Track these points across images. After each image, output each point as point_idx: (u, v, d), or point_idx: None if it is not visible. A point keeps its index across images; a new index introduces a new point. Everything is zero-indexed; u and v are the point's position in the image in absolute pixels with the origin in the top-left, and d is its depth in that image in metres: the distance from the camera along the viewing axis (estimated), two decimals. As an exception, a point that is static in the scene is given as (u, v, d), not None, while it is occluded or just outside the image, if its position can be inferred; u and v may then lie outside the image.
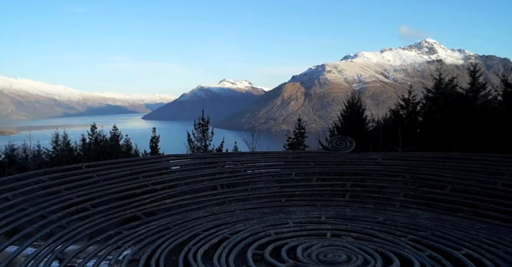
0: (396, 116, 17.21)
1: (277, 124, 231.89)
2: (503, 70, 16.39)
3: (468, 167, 3.96)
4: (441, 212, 3.59)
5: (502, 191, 3.38)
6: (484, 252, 2.55)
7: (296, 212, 3.78)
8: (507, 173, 3.49)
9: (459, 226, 3.16)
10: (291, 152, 5.15)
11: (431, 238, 2.90)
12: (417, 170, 4.26)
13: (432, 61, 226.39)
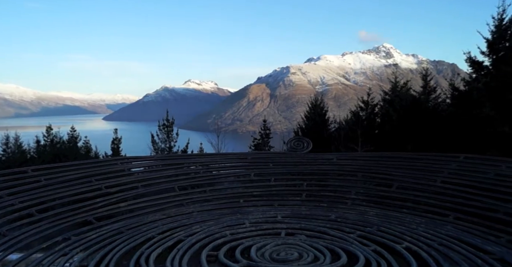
0: (356, 117, 17.97)
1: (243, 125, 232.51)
2: (451, 74, 17.68)
3: (413, 165, 4.21)
4: (388, 209, 3.79)
5: (441, 188, 3.63)
6: (422, 244, 2.73)
7: (253, 212, 3.82)
8: (445, 171, 3.76)
9: (402, 221, 3.36)
10: (250, 153, 5.19)
11: (376, 234, 3.05)
12: (368, 169, 4.47)
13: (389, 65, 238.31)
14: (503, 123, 9.50)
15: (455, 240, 2.77)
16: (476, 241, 2.71)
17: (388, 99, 17.47)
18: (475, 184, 3.44)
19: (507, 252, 2.46)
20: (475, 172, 3.55)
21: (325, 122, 19.89)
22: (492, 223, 2.95)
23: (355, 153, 5.64)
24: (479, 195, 3.30)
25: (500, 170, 3.37)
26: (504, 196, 3.08)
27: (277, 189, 4.51)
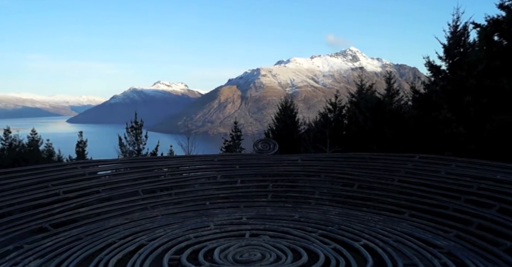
0: (325, 119, 18.47)
1: (214, 127, 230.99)
2: (413, 78, 18.64)
3: (374, 166, 4.38)
4: (349, 208, 3.91)
5: (398, 186, 3.80)
6: (378, 241, 2.85)
7: (219, 215, 3.80)
8: (402, 170, 3.94)
9: (362, 219, 3.48)
10: (217, 155, 5.17)
11: (337, 232, 3.15)
12: (331, 169, 4.59)
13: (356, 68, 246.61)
14: (459, 124, 10.12)
15: (409, 236, 2.91)
16: (427, 236, 2.87)
17: (354, 101, 18.09)
18: (429, 182, 3.64)
19: (454, 246, 2.63)
20: (428, 171, 3.75)
21: (295, 123, 20.23)
22: (442, 219, 3.13)
23: (319, 154, 5.78)
24: (432, 193, 3.49)
25: (451, 169, 3.58)
26: (454, 194, 3.28)
27: (244, 190, 4.52)
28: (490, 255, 2.43)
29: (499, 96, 9.28)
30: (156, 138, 15.98)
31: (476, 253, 2.50)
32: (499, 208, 2.82)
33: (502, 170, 3.21)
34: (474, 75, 9.95)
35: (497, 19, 9.64)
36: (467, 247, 2.59)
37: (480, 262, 2.33)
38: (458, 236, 2.80)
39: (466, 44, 12.24)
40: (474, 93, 9.80)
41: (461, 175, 3.40)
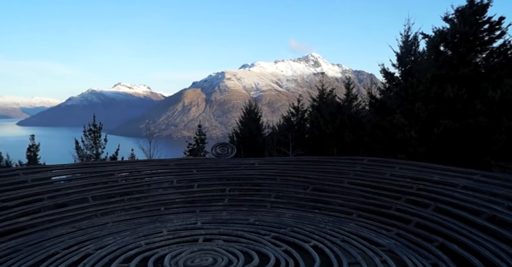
0: (288, 122, 18.84)
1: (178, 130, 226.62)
2: (370, 83, 19.60)
3: (326, 168, 4.55)
4: (302, 210, 4.03)
5: (348, 188, 3.98)
6: (327, 242, 2.97)
7: (173, 220, 3.75)
8: (352, 173, 4.13)
9: (313, 221, 3.60)
10: (173, 160, 5.10)
11: (289, 234, 3.23)
12: (287, 173, 4.70)
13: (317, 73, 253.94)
14: (411, 128, 10.77)
15: (355, 236, 3.06)
16: (371, 235, 3.03)
17: (316, 105, 18.64)
18: (375, 184, 3.85)
19: (395, 244, 2.80)
20: (375, 173, 3.97)
21: (259, 127, 20.42)
22: (386, 218, 3.32)
23: (276, 158, 5.90)
24: (377, 194, 3.70)
25: (395, 170, 3.82)
26: (396, 194, 3.50)
27: (200, 195, 4.50)
28: (424, 251, 2.62)
29: (444, 103, 10.02)
30: (116, 142, 15.42)
31: (413, 250, 2.68)
32: (435, 207, 3.05)
33: (439, 172, 3.47)
34: (423, 82, 10.67)
35: (443, 31, 10.45)
36: (405, 245, 2.78)
37: (416, 258, 2.51)
38: (399, 234, 2.99)
39: (417, 53, 13.12)
40: (423, 99, 10.51)
41: (403, 177, 3.64)
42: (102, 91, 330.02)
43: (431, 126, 10.05)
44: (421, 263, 2.42)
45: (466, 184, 3.03)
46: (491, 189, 2.85)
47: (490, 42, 9.38)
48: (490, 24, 9.17)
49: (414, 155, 10.21)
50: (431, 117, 10.20)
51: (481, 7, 9.07)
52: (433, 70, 10.43)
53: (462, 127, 9.40)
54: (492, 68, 9.11)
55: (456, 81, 9.82)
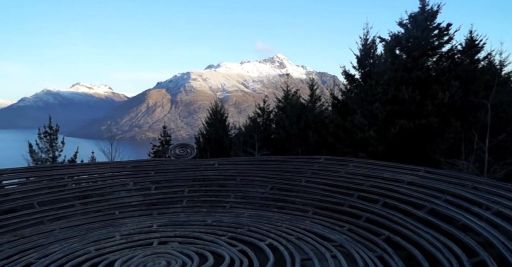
0: (254, 123, 18.95)
1: (142, 132, 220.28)
2: (333, 85, 20.26)
3: (285, 168, 4.64)
4: (261, 209, 4.08)
5: (305, 187, 4.09)
6: (282, 239, 3.03)
7: (128, 224, 3.65)
8: (309, 171, 4.25)
9: (271, 219, 3.66)
10: (130, 162, 4.95)
11: (246, 234, 3.26)
12: (247, 173, 4.73)
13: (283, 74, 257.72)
14: (370, 128, 11.25)
15: (309, 233, 3.14)
16: (325, 232, 3.14)
17: (281, 106, 18.93)
18: (330, 182, 3.99)
19: (345, 239, 2.92)
20: (331, 172, 4.10)
21: (226, 128, 20.35)
22: (339, 215, 3.45)
23: (236, 158, 5.92)
24: (332, 192, 3.83)
25: (349, 169, 3.98)
26: (349, 191, 3.64)
27: (158, 197, 4.41)
28: (372, 244, 2.75)
29: (400, 104, 10.57)
30: (75, 144, 14.73)
31: (361, 244, 2.81)
32: (383, 202, 3.22)
33: (389, 169, 3.67)
34: (381, 84, 11.19)
35: (398, 35, 11.02)
36: (355, 239, 2.90)
37: (363, 251, 2.63)
38: (350, 230, 3.12)
39: (375, 56, 13.73)
40: (381, 101, 11.02)
41: (356, 174, 3.80)
42: (59, 92, 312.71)
43: (388, 126, 10.57)
44: (368, 256, 2.54)
45: (412, 180, 3.23)
46: (432, 184, 3.05)
47: (439, 47, 10.04)
48: (439, 30, 9.82)
49: (374, 154, 10.68)
50: (388, 117, 10.72)
51: (432, 13, 9.68)
52: (389, 72, 10.98)
53: (416, 126, 9.98)
54: (442, 71, 9.75)
55: (410, 83, 10.41)
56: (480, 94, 8.98)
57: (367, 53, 13.89)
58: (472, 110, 9.09)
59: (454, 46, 10.19)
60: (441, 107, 9.40)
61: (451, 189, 2.83)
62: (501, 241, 2.05)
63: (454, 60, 10.09)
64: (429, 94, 9.75)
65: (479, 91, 9.15)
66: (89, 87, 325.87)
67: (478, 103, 8.56)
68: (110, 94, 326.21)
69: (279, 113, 19.57)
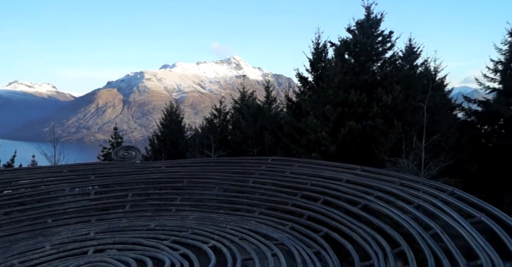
0: (210, 124, 18.80)
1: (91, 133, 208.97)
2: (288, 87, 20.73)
3: (233, 169, 4.66)
4: (208, 211, 4.06)
5: (252, 187, 4.14)
6: (225, 241, 3.04)
7: (62, 232, 3.44)
8: (257, 172, 4.31)
9: (216, 221, 3.65)
10: (66, 166, 4.67)
11: (190, 237, 3.22)
12: (194, 175, 4.69)
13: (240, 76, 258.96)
14: (322, 129, 11.69)
15: (253, 233, 3.19)
16: (268, 231, 3.21)
17: (238, 107, 19.01)
18: (276, 181, 4.09)
19: (287, 237, 3.01)
20: (277, 172, 4.21)
21: (181, 129, 19.94)
22: (283, 214, 3.55)
23: (184, 160, 5.85)
24: (278, 191, 3.93)
25: (294, 169, 4.11)
26: (293, 190, 3.76)
27: (97, 203, 4.21)
28: (311, 241, 2.87)
29: (349, 106, 11.12)
30: (13, 147, 13.61)
31: (302, 241, 2.91)
32: (323, 200, 3.37)
33: (330, 168, 3.85)
34: (332, 87, 11.70)
35: (346, 40, 11.60)
36: (296, 237, 3.00)
37: (302, 248, 2.73)
38: (292, 228, 3.22)
39: (326, 59, 14.31)
40: (332, 103, 11.51)
41: (300, 174, 3.93)
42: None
43: (339, 127, 11.08)
44: (306, 252, 2.64)
45: (349, 178, 3.42)
46: (366, 181, 3.25)
47: (383, 53, 10.77)
48: (383, 37, 10.53)
49: (326, 154, 11.14)
50: (339, 118, 11.24)
51: (376, 21, 10.36)
52: (339, 76, 11.51)
53: (363, 127, 10.56)
54: (385, 75, 10.45)
55: (358, 87, 11.00)
56: (418, 97, 9.80)
57: (319, 57, 14.45)
58: (411, 112, 9.87)
59: (395, 53, 11.02)
60: (385, 109, 10.07)
61: (381, 186, 3.04)
62: (418, 232, 2.25)
63: (396, 65, 10.90)
64: (374, 97, 10.40)
65: (417, 94, 9.98)
66: (29, 86, 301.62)
67: (416, 106, 9.33)
68: (54, 93, 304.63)
69: (236, 114, 19.66)
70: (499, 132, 13.36)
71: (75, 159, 13.39)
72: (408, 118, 9.93)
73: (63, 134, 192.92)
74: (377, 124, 10.03)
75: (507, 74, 13.16)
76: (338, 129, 10.96)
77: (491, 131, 13.57)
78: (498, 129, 13.52)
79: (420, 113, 8.85)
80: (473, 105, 13.70)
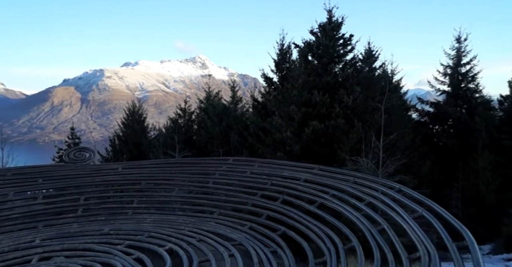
0: (175, 124, 18.43)
1: (45, 134, 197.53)
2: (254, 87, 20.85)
3: (193, 170, 4.60)
4: (166, 213, 3.98)
5: (212, 188, 4.12)
6: (183, 243, 2.99)
7: (2, 241, 3.21)
8: (217, 173, 4.29)
9: (174, 223, 3.59)
10: (11, 169, 4.37)
11: (145, 240, 3.13)
12: (153, 176, 4.57)
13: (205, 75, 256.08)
14: (287, 129, 11.88)
15: (211, 234, 3.17)
16: (227, 231, 3.20)
17: (203, 107, 18.81)
18: (236, 182, 4.09)
19: (246, 237, 3.02)
20: (238, 172, 4.22)
21: (145, 129, 19.35)
22: (243, 214, 3.57)
23: (142, 161, 5.70)
24: (238, 192, 3.94)
25: (254, 169, 4.14)
26: (253, 191, 3.79)
27: (46, 207, 3.98)
28: (269, 240, 2.90)
29: (313, 106, 11.40)
30: (-49, 150, 12.51)
31: (259, 241, 2.94)
32: (282, 200, 3.42)
33: (289, 168, 3.92)
34: (296, 87, 11.92)
35: (309, 42, 11.88)
36: (255, 237, 3.02)
37: (259, 248, 2.76)
38: (251, 228, 3.24)
39: (291, 60, 14.57)
40: (297, 103, 11.74)
41: (261, 174, 3.97)
42: None
43: (303, 127, 11.31)
44: (263, 251, 2.67)
45: (307, 177, 3.50)
46: (323, 180, 3.35)
47: (344, 55, 11.18)
48: (344, 40, 10.93)
49: (291, 153, 11.34)
50: (303, 119, 11.48)
51: (337, 24, 10.72)
52: (303, 77, 11.76)
53: (326, 127, 10.87)
54: (346, 77, 10.84)
55: (321, 88, 11.30)
56: (376, 98, 10.29)
57: (284, 58, 14.67)
58: (370, 113, 10.34)
59: (356, 55, 11.49)
60: (347, 110, 10.44)
61: (336, 185, 3.15)
62: (368, 228, 2.35)
63: (356, 67, 11.36)
64: (336, 98, 10.74)
65: (375, 96, 10.47)
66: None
67: (375, 106, 9.79)
68: (3, 90, 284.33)
69: (201, 114, 19.43)
70: (448, 132, 14.55)
71: (25, 161, 12.58)
72: (367, 118, 10.35)
73: (13, 135, 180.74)
74: (339, 124, 10.36)
75: (455, 77, 14.38)
76: (302, 129, 11.20)
77: (442, 131, 14.76)
78: (447, 129, 14.73)
79: (378, 114, 9.27)
80: (426, 106, 14.80)
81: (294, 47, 12.69)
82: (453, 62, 14.43)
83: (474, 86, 14.24)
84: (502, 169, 12.27)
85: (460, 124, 13.68)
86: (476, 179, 11.62)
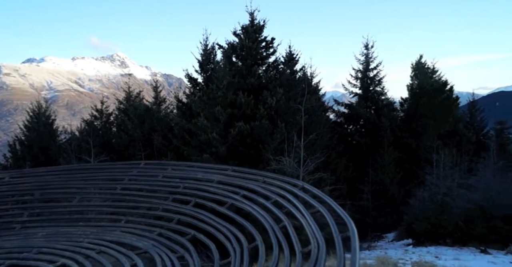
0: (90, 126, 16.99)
1: None
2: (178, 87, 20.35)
3: (99, 176, 4.31)
4: (64, 225, 3.66)
5: (120, 194, 3.90)
6: (79, 256, 2.77)
7: None
8: (126, 178, 4.08)
9: (72, 236, 3.31)
10: None
11: (33, 257, 2.83)
12: (49, 185, 4.16)
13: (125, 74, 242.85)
14: (213, 130, 11.83)
15: (115, 244, 2.99)
16: (132, 240, 3.05)
17: (123, 108, 17.72)
18: (147, 187, 3.94)
19: (152, 245, 2.92)
20: (149, 176, 4.07)
21: (54, 132, 17.49)
22: (152, 220, 3.44)
23: (34, 169, 5.18)
24: (148, 197, 3.80)
25: (167, 172, 4.03)
26: (165, 195, 3.69)
27: None
28: (177, 245, 2.85)
29: (238, 107, 11.56)
30: None
31: (167, 247, 2.87)
32: (195, 203, 3.39)
33: (203, 170, 3.91)
34: (221, 88, 11.97)
35: (233, 44, 12.05)
36: (163, 243, 2.94)
37: (166, 254, 2.69)
38: (160, 234, 3.15)
39: (215, 61, 14.61)
40: (222, 104, 11.78)
41: (173, 177, 3.89)
42: None
43: (229, 128, 11.40)
44: (169, 258, 2.60)
45: (220, 179, 3.53)
46: (235, 181, 3.41)
47: (267, 57, 11.59)
48: (266, 43, 11.34)
49: (217, 155, 11.33)
50: (229, 120, 11.57)
51: (259, 27, 11.08)
52: (228, 78, 11.88)
53: (251, 128, 11.12)
54: (270, 79, 11.25)
55: (246, 89, 11.54)
56: (297, 100, 10.87)
57: (208, 58, 14.65)
58: (292, 114, 10.88)
59: (278, 58, 12.01)
60: (270, 111, 10.82)
61: (247, 185, 3.24)
62: (271, 226, 2.46)
63: (278, 70, 11.86)
64: (261, 99, 11.06)
65: (297, 97, 11.06)
66: None
67: (296, 107, 10.34)
68: None
69: (121, 116, 18.34)
70: (360, 131, 16.39)
71: None
72: (289, 119, 10.86)
73: None
74: (263, 125, 10.68)
75: (365, 81, 16.27)
76: (228, 130, 11.29)
77: (355, 131, 16.58)
78: (359, 129, 16.59)
79: (299, 115, 9.79)
80: (342, 107, 16.39)
81: (218, 48, 12.77)
82: (363, 66, 16.22)
83: (380, 89, 16.34)
84: (403, 164, 14.48)
85: (369, 124, 15.50)
86: (383, 174, 13.29)
